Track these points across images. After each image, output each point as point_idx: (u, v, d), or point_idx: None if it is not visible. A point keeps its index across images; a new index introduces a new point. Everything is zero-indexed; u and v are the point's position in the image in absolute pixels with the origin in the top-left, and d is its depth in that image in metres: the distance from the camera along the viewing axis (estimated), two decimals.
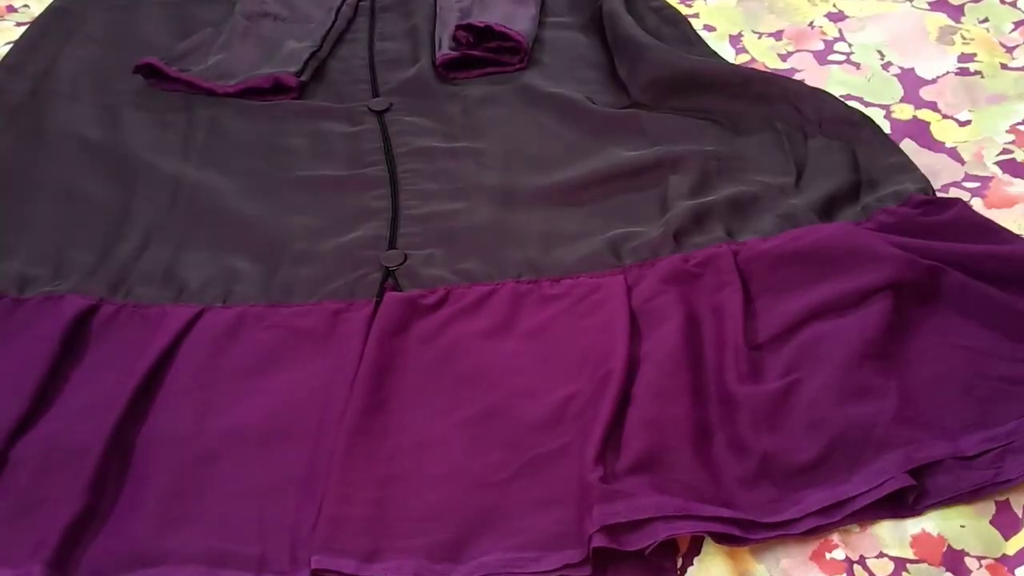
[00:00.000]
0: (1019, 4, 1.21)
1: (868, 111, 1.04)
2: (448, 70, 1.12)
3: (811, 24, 1.21)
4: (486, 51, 1.12)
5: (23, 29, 1.20)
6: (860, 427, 0.73)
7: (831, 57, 1.16)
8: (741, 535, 0.70)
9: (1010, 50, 1.15)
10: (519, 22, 1.14)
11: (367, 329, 0.84)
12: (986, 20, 1.19)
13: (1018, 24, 1.18)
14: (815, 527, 0.71)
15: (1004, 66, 1.12)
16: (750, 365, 0.80)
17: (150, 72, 1.11)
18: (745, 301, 0.84)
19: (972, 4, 1.21)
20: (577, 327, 0.84)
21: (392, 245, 0.92)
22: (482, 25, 1.12)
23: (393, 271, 0.89)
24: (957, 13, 1.20)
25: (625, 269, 0.88)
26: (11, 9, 1.27)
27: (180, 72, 1.10)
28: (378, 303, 0.86)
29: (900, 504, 0.72)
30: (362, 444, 0.75)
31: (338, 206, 0.97)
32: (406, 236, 0.93)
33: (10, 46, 1.17)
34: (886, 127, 1.04)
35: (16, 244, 0.93)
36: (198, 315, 0.86)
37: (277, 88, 1.09)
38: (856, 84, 1.11)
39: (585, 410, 0.77)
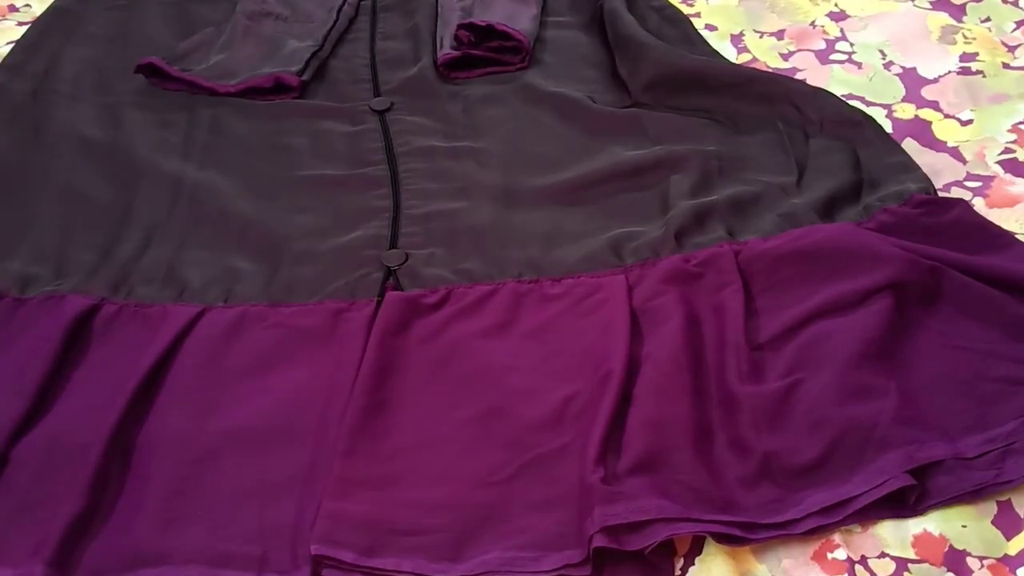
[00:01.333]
0: (1021, 3, 1.20)
1: (870, 110, 1.04)
2: (449, 70, 1.12)
3: (813, 23, 1.21)
4: (487, 51, 1.12)
5: (25, 29, 1.20)
6: (861, 427, 0.73)
7: (833, 56, 1.16)
8: (742, 535, 0.70)
9: (1012, 49, 1.15)
10: (520, 21, 1.14)
11: (368, 329, 0.84)
12: (988, 19, 1.19)
13: (1020, 23, 1.18)
14: (816, 527, 0.71)
15: (1006, 65, 1.12)
16: (751, 365, 0.79)
17: (151, 72, 1.11)
18: (746, 301, 0.84)
19: (974, 3, 1.21)
20: (578, 327, 0.84)
21: (393, 245, 0.92)
22: (484, 24, 1.12)
23: (394, 271, 0.89)
24: (959, 12, 1.20)
25: (626, 269, 0.88)
26: (12, 9, 1.27)
27: (181, 72, 1.10)
28: (379, 303, 0.86)
29: (902, 504, 0.72)
30: (363, 443, 0.75)
31: (339, 205, 0.97)
32: (407, 236, 0.93)
33: (12, 46, 1.17)
34: (888, 126, 1.04)
35: (17, 244, 0.93)
36: (199, 315, 0.86)
37: (279, 87, 1.09)
38: (858, 83, 1.11)
39: (586, 410, 0.77)
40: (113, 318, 0.86)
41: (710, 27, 1.21)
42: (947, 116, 1.06)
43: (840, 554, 0.70)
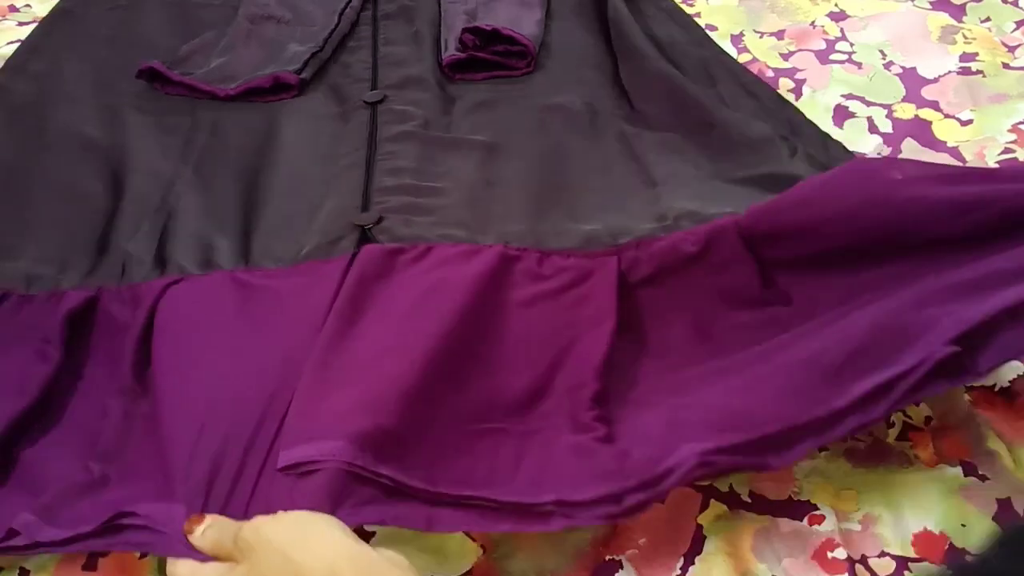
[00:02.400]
0: (1021, 3, 1.21)
1: (870, 110, 1.04)
2: (453, 71, 1.12)
3: (813, 23, 1.21)
4: (492, 54, 1.12)
5: (25, 29, 1.20)
6: (896, 327, 0.68)
7: (833, 56, 1.16)
8: (775, 462, 0.66)
9: (1012, 49, 1.15)
10: (524, 26, 1.14)
11: (343, 276, 0.83)
12: (988, 19, 1.19)
13: (1020, 23, 1.18)
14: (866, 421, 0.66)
15: (1006, 65, 1.12)
16: (762, 329, 0.77)
17: (153, 76, 1.11)
18: (755, 273, 0.82)
19: (974, 3, 1.21)
20: (561, 314, 0.81)
21: (365, 210, 0.92)
22: (489, 29, 1.12)
23: (369, 229, 0.89)
24: (959, 12, 1.20)
25: (619, 249, 0.85)
26: (13, 9, 1.28)
27: (182, 76, 1.10)
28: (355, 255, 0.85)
29: (961, 371, 0.66)
30: (328, 363, 0.74)
31: (315, 185, 0.97)
32: (380, 204, 0.92)
33: (12, 46, 1.17)
34: (888, 126, 1.04)
35: (22, 244, 0.93)
36: (174, 283, 0.86)
37: (278, 87, 1.10)
38: (858, 83, 1.11)
39: (559, 406, 0.74)
40: (108, 307, 0.86)
41: (710, 27, 1.21)
42: (947, 116, 1.06)
43: (840, 553, 0.70)
